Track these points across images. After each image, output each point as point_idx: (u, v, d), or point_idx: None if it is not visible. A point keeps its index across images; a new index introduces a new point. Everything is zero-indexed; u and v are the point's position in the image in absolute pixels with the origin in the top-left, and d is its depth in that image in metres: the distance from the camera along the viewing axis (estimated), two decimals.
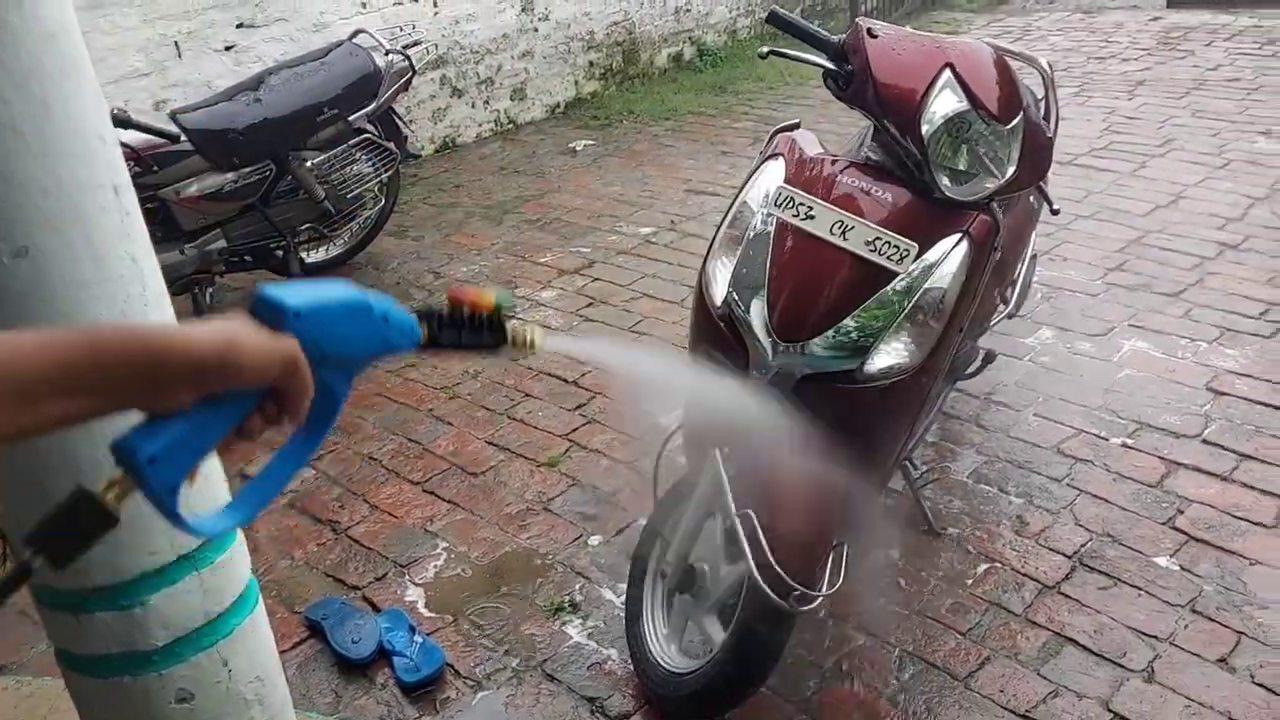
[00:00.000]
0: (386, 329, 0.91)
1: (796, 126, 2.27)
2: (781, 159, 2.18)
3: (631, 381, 2.70)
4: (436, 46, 5.04)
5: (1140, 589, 2.53)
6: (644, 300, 4.23)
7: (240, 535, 1.53)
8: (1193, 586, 2.52)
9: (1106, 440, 3.07)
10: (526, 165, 6.04)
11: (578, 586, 2.73)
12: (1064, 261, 4.12)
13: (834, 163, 2.15)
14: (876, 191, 2.07)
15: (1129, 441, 3.06)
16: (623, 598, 2.61)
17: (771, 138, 2.28)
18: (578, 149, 6.20)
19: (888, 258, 2.00)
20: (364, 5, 5.62)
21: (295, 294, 0.86)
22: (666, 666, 2.28)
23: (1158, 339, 3.56)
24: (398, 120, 4.56)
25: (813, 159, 2.16)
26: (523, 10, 6.58)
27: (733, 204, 2.23)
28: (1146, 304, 3.78)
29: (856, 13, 7.81)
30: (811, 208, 2.04)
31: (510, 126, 6.71)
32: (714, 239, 2.25)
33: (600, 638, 2.56)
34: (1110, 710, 2.22)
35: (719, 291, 2.17)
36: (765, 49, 2.16)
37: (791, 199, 2.06)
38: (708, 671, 2.13)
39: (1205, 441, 3.03)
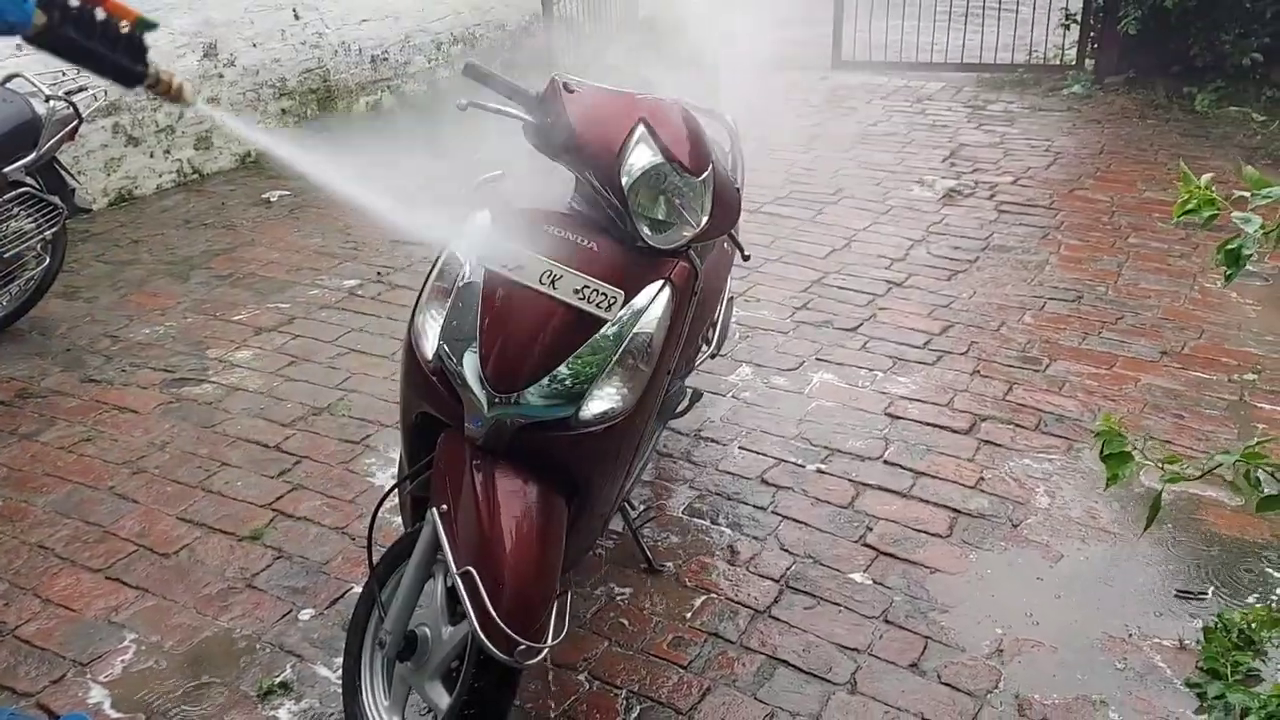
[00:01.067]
0: None
1: (501, 178, 2.27)
2: (487, 210, 2.18)
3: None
4: (106, 92, 4.63)
5: (840, 605, 2.71)
6: (351, 356, 4.08)
7: None
8: (884, 598, 2.74)
9: (803, 467, 3.29)
10: (215, 218, 5.69)
11: (289, 665, 2.55)
12: (757, 302, 4.40)
13: (540, 214, 2.17)
14: (582, 241, 2.11)
15: (822, 467, 3.29)
16: (338, 674, 2.48)
17: (476, 188, 2.27)
18: (272, 200, 5.92)
19: (596, 305, 2.04)
20: (19, 48, 5.10)
21: None
22: None
23: (841, 370, 3.86)
24: (63, 172, 4.17)
25: (519, 210, 2.18)
26: (205, 55, 6.23)
27: (439, 255, 2.20)
28: (830, 339, 4.10)
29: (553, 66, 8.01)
30: (520, 258, 2.05)
31: (195, 177, 6.31)
32: (422, 291, 2.21)
33: (316, 718, 2.41)
34: None
35: (429, 345, 2.13)
36: (465, 101, 2.16)
37: (500, 249, 2.06)
38: None
39: (886, 462, 3.31)
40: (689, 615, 2.69)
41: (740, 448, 3.41)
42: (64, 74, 4.08)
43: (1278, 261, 4.53)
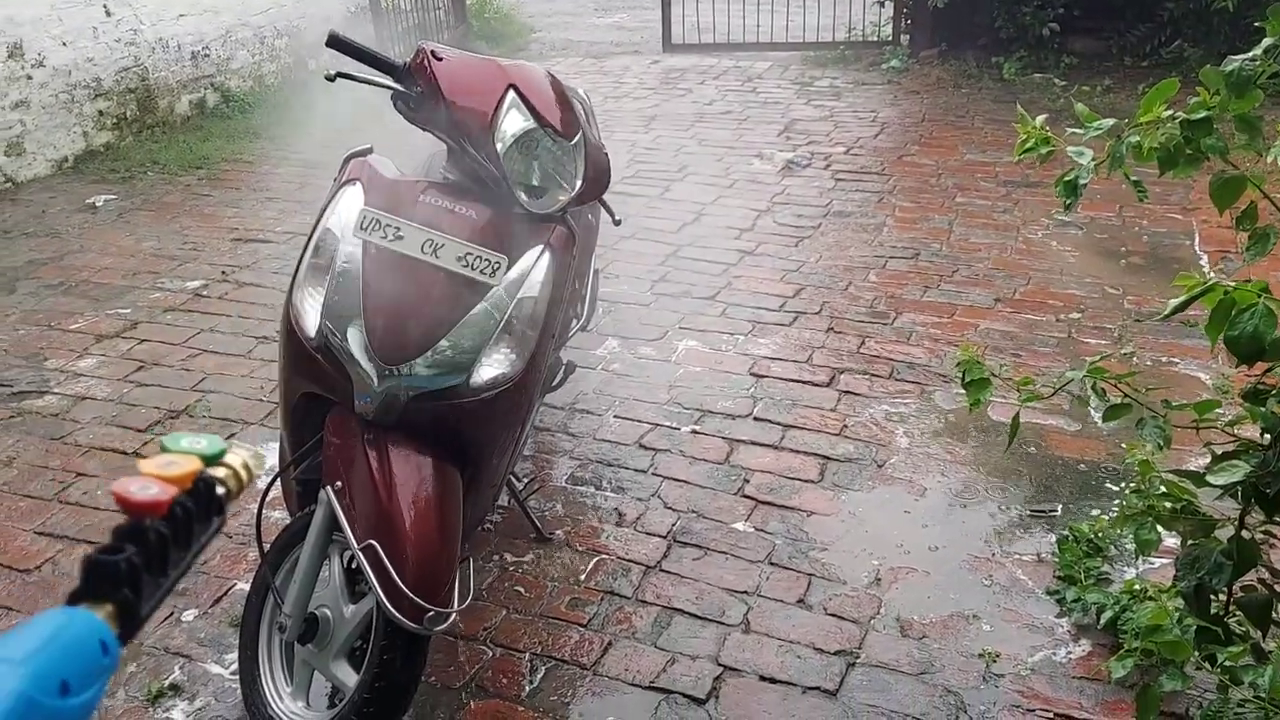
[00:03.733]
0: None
1: (369, 151, 2.26)
2: (359, 183, 2.16)
3: None
4: None
5: (726, 553, 2.82)
6: (204, 356, 3.94)
7: None
8: (767, 543, 2.86)
9: (678, 429, 3.38)
10: (36, 226, 5.36)
11: (177, 667, 2.48)
12: (617, 278, 4.47)
13: (414, 184, 2.17)
14: (460, 209, 2.12)
15: (696, 428, 3.39)
16: (232, 669, 2.42)
17: (345, 163, 2.25)
18: (98, 205, 5.61)
19: (480, 271, 2.06)
20: None
21: None
22: None
23: (704, 337, 3.98)
24: None
25: (392, 181, 2.17)
26: (10, 56, 5.84)
27: (313, 233, 2.17)
28: (690, 308, 4.21)
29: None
30: (400, 229, 2.05)
31: (9, 185, 5.91)
32: (297, 271, 2.17)
33: (211, 715, 2.35)
34: (720, 664, 2.45)
35: (311, 323, 2.10)
36: (333, 72, 2.14)
37: (378, 221, 2.06)
38: (346, 715, 2.05)
39: (756, 419, 3.44)
40: (583, 577, 2.74)
41: (615, 416, 3.47)
42: None
43: (1090, 212, 4.91)
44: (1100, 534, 2.73)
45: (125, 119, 6.62)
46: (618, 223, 2.61)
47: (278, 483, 2.38)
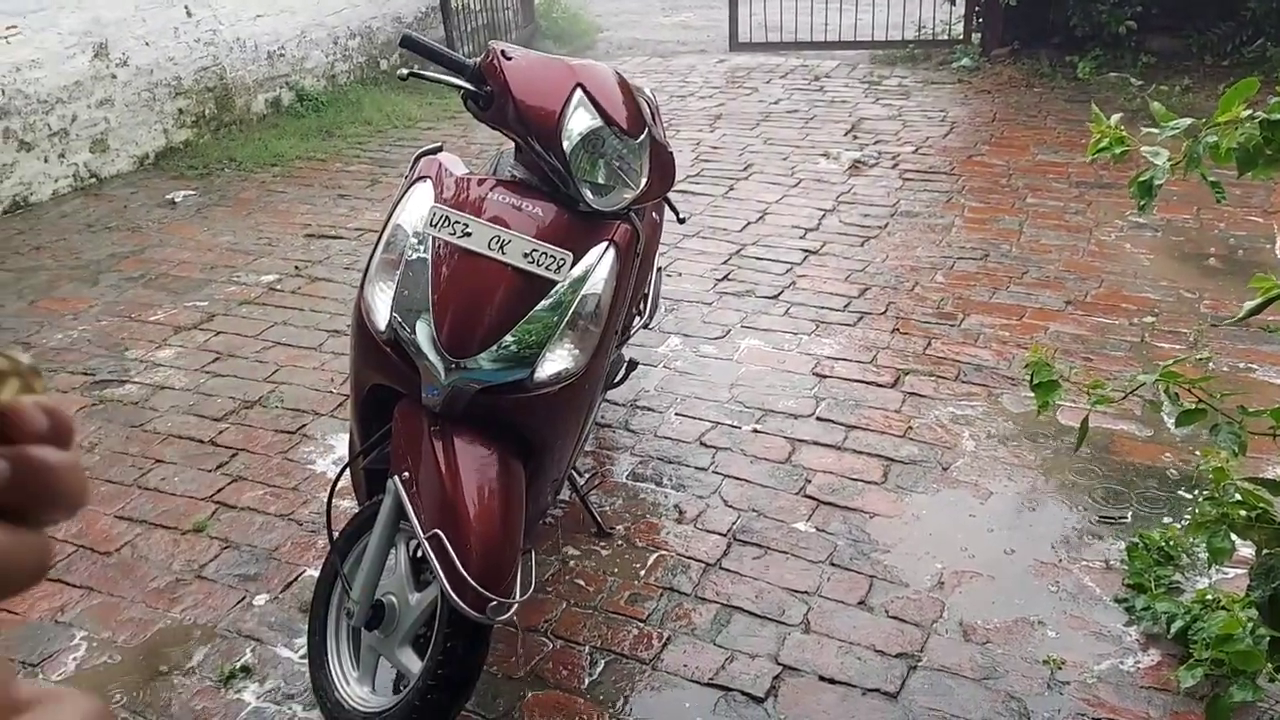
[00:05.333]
0: None
1: (440, 149, 2.30)
2: (429, 181, 2.21)
3: None
4: (3, 92, 4.50)
5: (787, 553, 2.81)
6: (278, 349, 4.04)
7: None
8: (828, 544, 2.84)
9: (739, 428, 3.38)
10: (118, 220, 5.53)
11: (248, 650, 2.55)
12: (680, 276, 4.48)
13: (482, 182, 2.21)
14: (527, 207, 2.15)
15: (758, 427, 3.39)
16: (301, 652, 2.48)
17: (415, 161, 2.29)
18: (177, 200, 5.78)
19: (545, 268, 2.08)
20: None
21: None
22: (362, 709, 2.20)
23: (767, 336, 3.97)
24: None
25: (461, 179, 2.21)
26: (96, 56, 6.04)
27: (385, 229, 2.22)
28: (753, 307, 4.21)
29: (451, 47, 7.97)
30: (468, 225, 2.08)
31: (93, 181, 6.11)
32: (369, 266, 2.22)
33: (281, 697, 2.41)
34: (779, 663, 2.45)
35: (381, 316, 2.15)
36: (406, 70, 2.18)
37: (447, 218, 2.09)
38: (410, 701, 2.08)
39: (818, 419, 3.42)
40: (643, 573, 2.76)
41: (677, 414, 3.49)
42: None
43: (1166, 214, 4.80)
44: (1172, 542, 2.67)
45: (204, 117, 6.80)
46: (682, 220, 2.62)
47: (347, 472, 2.44)
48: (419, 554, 2.15)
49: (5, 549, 0.45)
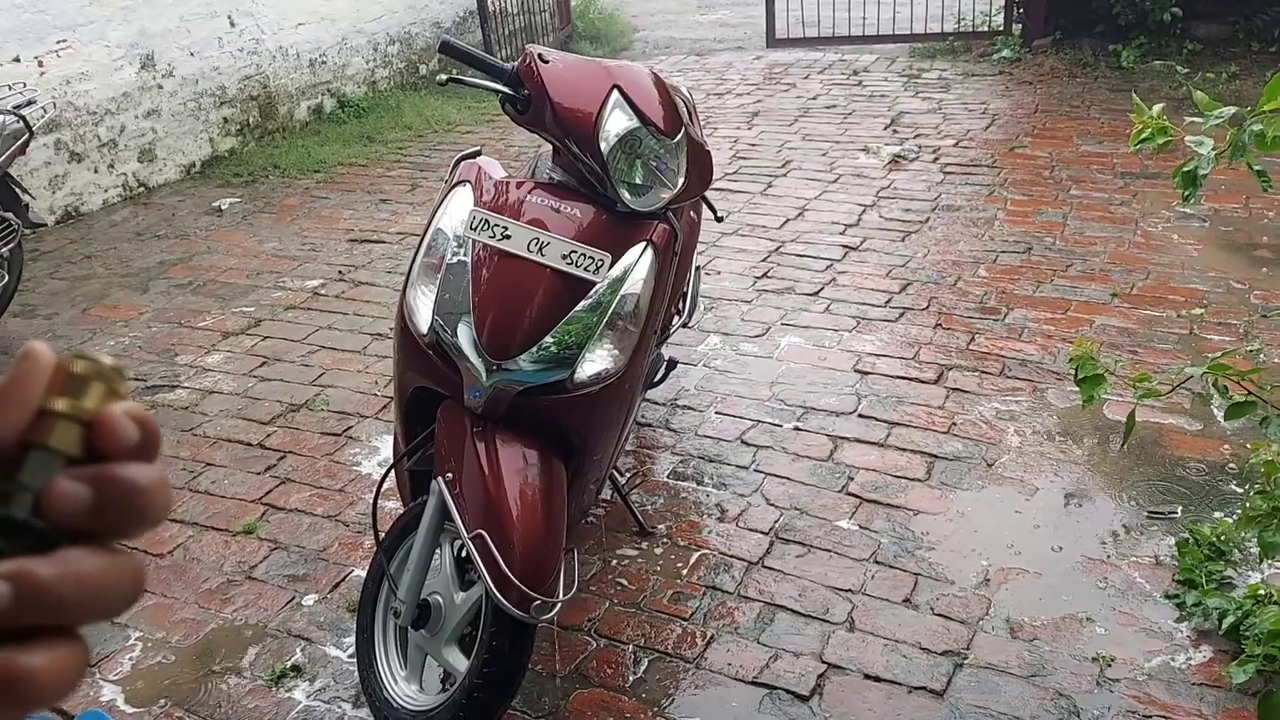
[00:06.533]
0: None
1: (479, 153, 2.32)
2: (469, 185, 2.23)
3: None
4: (55, 104, 4.60)
5: (830, 551, 2.80)
6: (323, 353, 4.09)
7: None
8: (872, 541, 2.83)
9: (780, 426, 3.38)
10: (167, 229, 5.64)
11: (298, 649, 2.59)
12: (719, 275, 4.48)
13: (521, 185, 2.23)
14: (565, 209, 2.17)
15: (799, 425, 3.38)
16: (349, 652, 2.52)
17: (455, 165, 2.32)
18: (223, 208, 5.88)
19: (584, 268, 2.10)
20: None
21: None
22: (410, 707, 2.22)
23: (807, 333, 3.96)
24: (15, 187, 4.13)
25: (500, 182, 2.23)
26: (143, 67, 6.16)
27: (426, 233, 2.25)
28: (793, 304, 4.20)
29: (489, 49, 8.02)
30: (507, 228, 2.10)
31: (141, 190, 6.23)
32: (411, 269, 2.25)
33: (330, 696, 2.45)
34: (824, 662, 2.44)
35: (423, 319, 2.18)
36: (445, 76, 2.21)
37: (486, 221, 2.11)
38: (457, 700, 2.11)
39: (860, 416, 3.41)
40: (685, 571, 2.76)
41: (717, 412, 3.49)
42: (9, 88, 4.03)
43: (1214, 204, 4.71)
44: (1223, 537, 2.63)
45: (248, 125, 6.90)
46: (720, 219, 2.63)
47: (392, 474, 2.47)
48: (463, 554, 2.17)
49: (101, 574, 0.43)
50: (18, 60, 5.41)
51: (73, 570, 0.41)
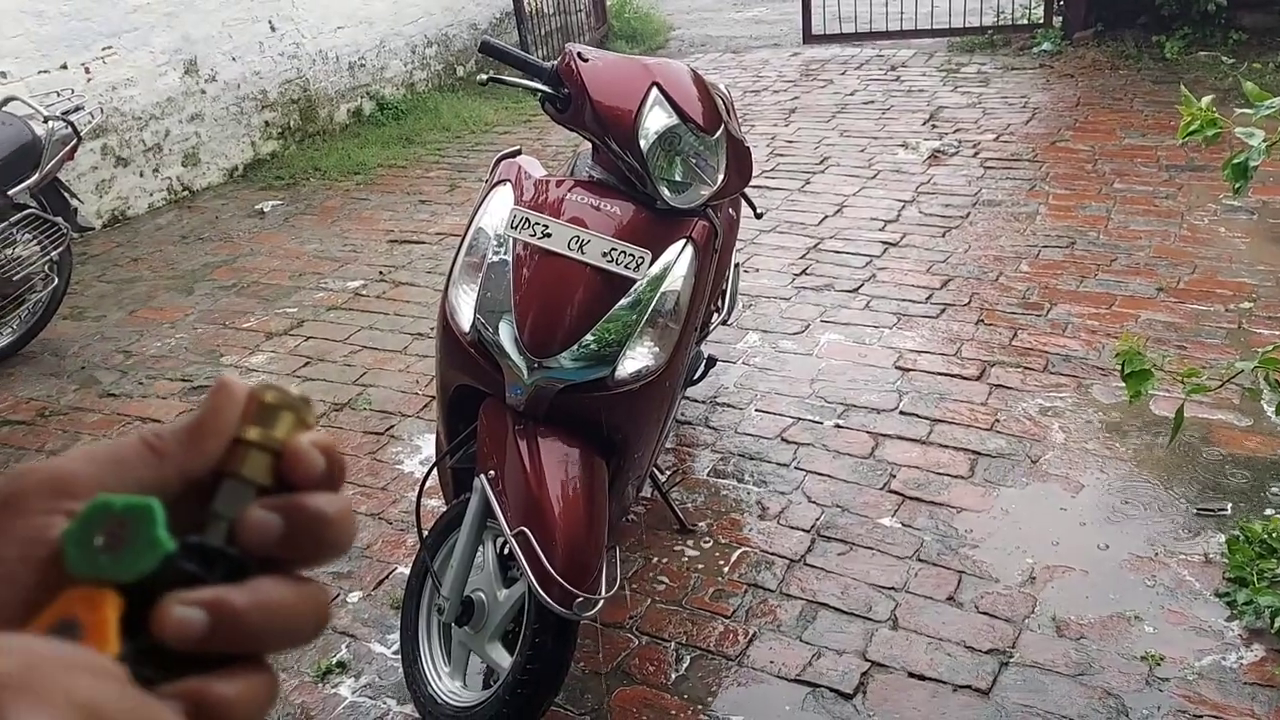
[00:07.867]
0: None
1: (518, 153, 2.34)
2: (509, 184, 2.24)
3: None
4: (102, 109, 4.69)
5: (872, 548, 2.79)
6: (365, 353, 4.13)
7: None
8: (915, 539, 2.81)
9: (821, 423, 3.36)
10: (210, 231, 5.72)
11: (344, 646, 2.62)
12: (757, 272, 4.47)
13: (560, 183, 2.24)
14: (605, 206, 2.17)
15: (840, 422, 3.36)
16: (394, 649, 2.54)
17: (495, 165, 2.33)
18: (265, 210, 5.95)
19: (624, 266, 2.10)
20: (3, 75, 5.13)
21: None
22: (454, 703, 2.24)
23: (847, 330, 3.94)
24: (65, 192, 4.20)
25: (540, 181, 2.24)
26: (186, 72, 6.25)
27: (467, 232, 2.26)
28: (833, 301, 4.18)
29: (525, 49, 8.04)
30: (547, 226, 2.11)
31: (186, 194, 6.33)
32: (452, 269, 2.27)
33: (376, 691, 2.47)
34: (867, 660, 2.43)
35: (465, 318, 2.19)
36: (485, 76, 2.22)
37: (527, 220, 2.13)
38: (501, 696, 2.12)
39: (902, 413, 3.38)
40: (726, 569, 2.76)
41: (757, 410, 3.48)
42: (58, 94, 4.12)
43: (1262, 196, 4.63)
44: (1275, 534, 2.58)
45: (289, 128, 6.99)
46: (759, 216, 2.62)
47: (435, 471, 2.49)
48: (506, 551, 2.18)
49: (291, 603, 0.43)
50: (65, 67, 5.51)
51: (265, 599, 0.42)
